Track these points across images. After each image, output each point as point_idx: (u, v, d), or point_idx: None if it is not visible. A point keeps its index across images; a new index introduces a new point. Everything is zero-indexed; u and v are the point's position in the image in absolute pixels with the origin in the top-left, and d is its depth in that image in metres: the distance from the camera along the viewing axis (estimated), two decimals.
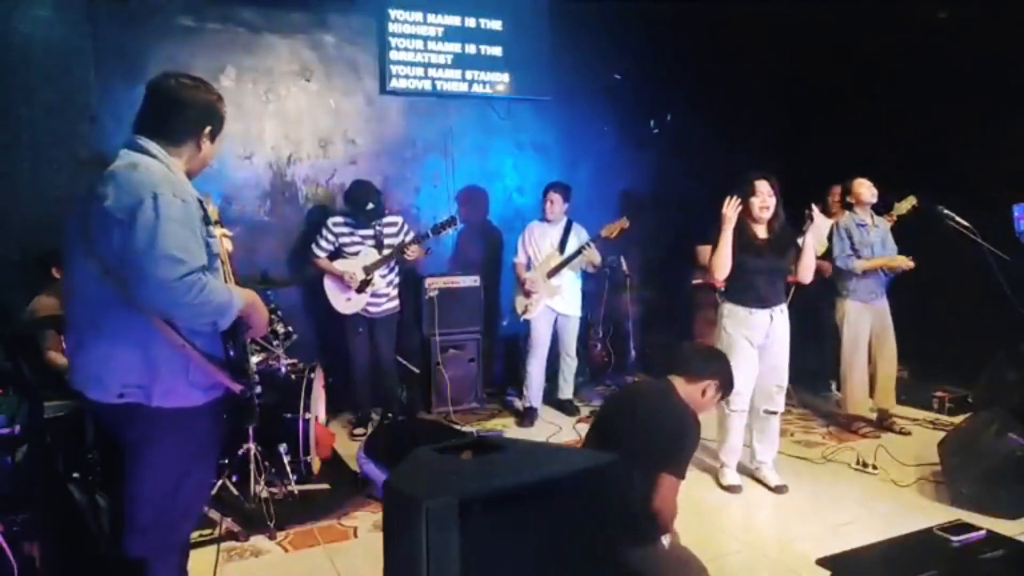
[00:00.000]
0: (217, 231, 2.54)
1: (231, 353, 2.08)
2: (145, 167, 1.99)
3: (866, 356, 4.82)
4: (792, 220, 3.92)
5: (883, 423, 4.96)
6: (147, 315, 1.95)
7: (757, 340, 3.84)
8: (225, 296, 1.99)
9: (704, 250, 5.38)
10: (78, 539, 2.57)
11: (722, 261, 3.76)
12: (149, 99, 2.12)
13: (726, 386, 2.82)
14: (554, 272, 5.01)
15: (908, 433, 4.85)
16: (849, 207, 4.82)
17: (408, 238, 4.75)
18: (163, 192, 1.91)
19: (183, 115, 2.10)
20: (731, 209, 3.72)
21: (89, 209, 1.96)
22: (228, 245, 2.62)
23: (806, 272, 3.91)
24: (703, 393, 2.73)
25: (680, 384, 2.75)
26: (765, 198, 3.79)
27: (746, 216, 3.82)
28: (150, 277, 1.86)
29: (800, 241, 3.86)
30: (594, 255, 5.01)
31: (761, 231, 3.86)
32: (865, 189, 4.71)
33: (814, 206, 3.84)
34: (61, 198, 4.09)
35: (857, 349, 4.78)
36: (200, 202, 2.08)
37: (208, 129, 2.15)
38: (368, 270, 4.71)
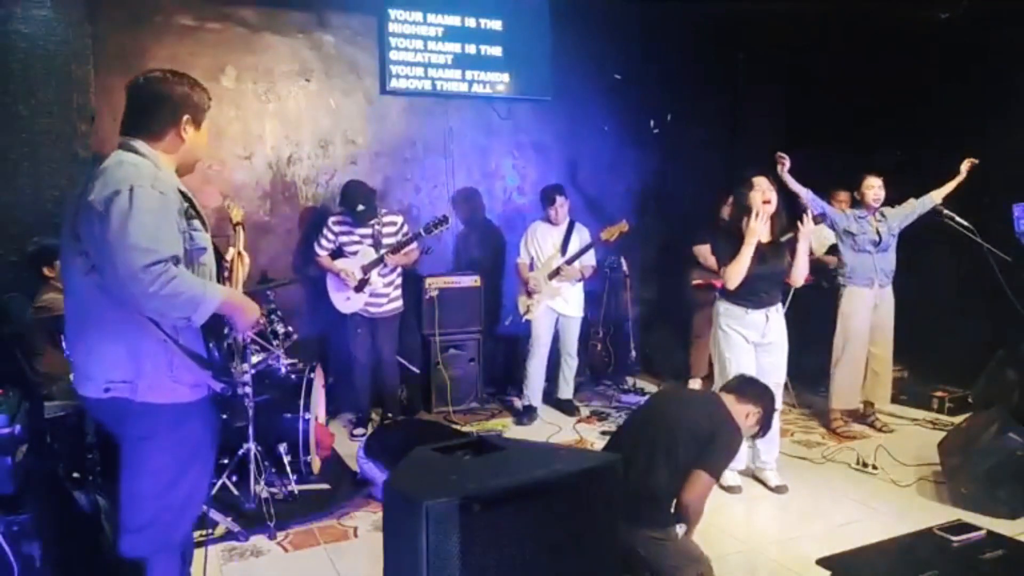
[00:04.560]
0: (235, 249, 2.54)
1: (214, 353, 2.08)
2: (131, 163, 2.02)
3: (860, 348, 4.76)
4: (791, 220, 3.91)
5: (866, 419, 4.95)
6: (132, 310, 1.96)
7: (753, 338, 3.84)
8: (198, 290, 1.96)
9: (702, 250, 5.40)
10: (78, 539, 2.57)
11: (741, 272, 3.71)
12: (127, 99, 2.16)
13: (766, 420, 2.97)
14: (555, 273, 5.01)
15: (891, 431, 4.85)
16: (856, 203, 4.81)
17: (404, 239, 4.74)
18: (141, 184, 1.94)
19: (156, 109, 2.12)
20: (759, 222, 3.65)
21: (78, 205, 2.00)
22: (246, 260, 2.58)
23: (798, 277, 3.90)
24: (746, 416, 2.90)
25: (730, 401, 2.91)
26: (765, 191, 3.75)
27: (747, 215, 3.77)
28: (118, 265, 1.87)
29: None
30: (573, 272, 4.97)
31: (763, 231, 3.79)
32: (870, 192, 4.66)
33: (805, 216, 3.82)
34: (61, 198, 4.09)
35: (850, 339, 4.73)
36: (184, 195, 2.08)
37: (186, 118, 2.13)
38: (365, 269, 4.70)
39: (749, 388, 3.02)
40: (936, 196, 4.70)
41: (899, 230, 4.74)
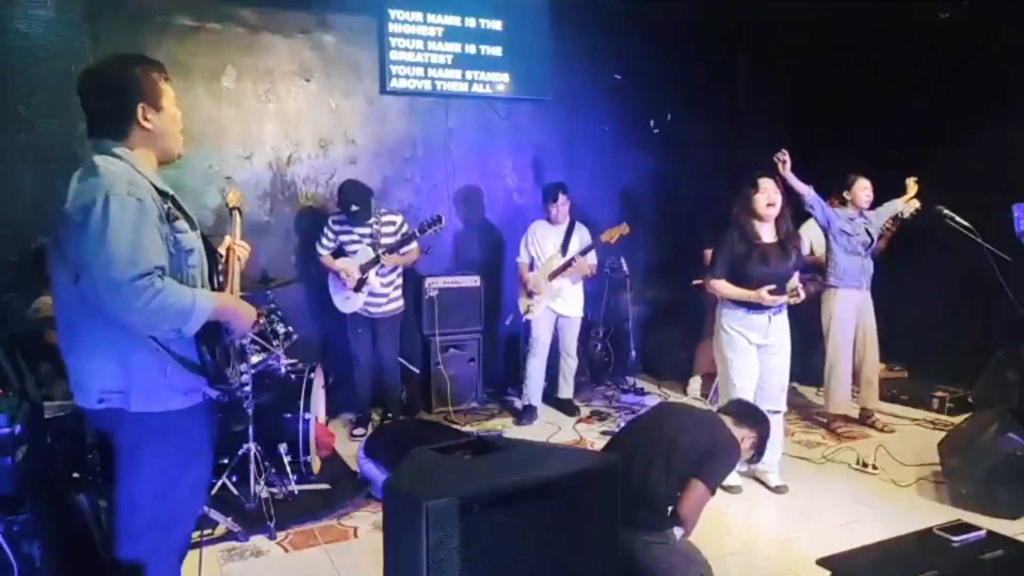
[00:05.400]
0: (230, 240, 2.47)
1: (207, 359, 2.01)
2: (106, 168, 1.92)
3: (851, 352, 4.76)
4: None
5: (866, 421, 4.95)
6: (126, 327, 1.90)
7: (755, 340, 3.83)
8: (186, 301, 1.89)
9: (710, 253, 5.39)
10: (78, 539, 2.57)
11: (723, 295, 3.80)
12: (80, 101, 2.04)
13: (760, 446, 3.01)
14: (556, 274, 5.01)
15: (891, 431, 4.85)
16: (844, 202, 4.81)
17: (400, 240, 4.73)
18: (116, 192, 1.85)
19: (106, 108, 2.01)
20: (767, 297, 3.67)
21: (58, 214, 1.93)
22: (243, 254, 2.52)
23: None
24: (742, 440, 2.93)
25: (728, 423, 2.96)
26: (771, 194, 3.72)
27: (749, 216, 3.78)
28: (98, 279, 1.81)
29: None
30: (583, 267, 4.96)
31: (767, 233, 3.78)
32: (863, 193, 4.67)
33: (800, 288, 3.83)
34: (60, 199, 4.09)
35: (843, 345, 4.73)
36: (165, 193, 2.01)
37: (141, 107, 1.99)
38: (363, 269, 4.70)
39: (747, 413, 3.08)
40: (899, 204, 4.80)
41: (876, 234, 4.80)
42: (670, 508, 2.75)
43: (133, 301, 1.80)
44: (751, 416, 3.05)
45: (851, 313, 4.72)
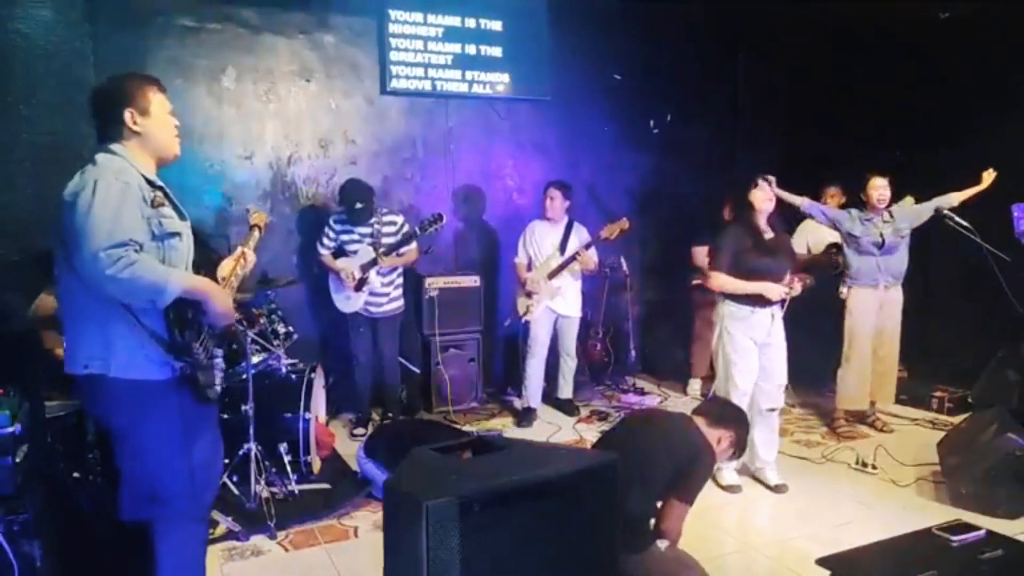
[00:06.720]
0: (242, 248, 2.67)
1: (175, 332, 2.19)
2: (102, 161, 2.18)
3: (867, 349, 4.71)
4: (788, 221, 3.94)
5: (866, 419, 4.94)
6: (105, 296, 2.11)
7: (759, 339, 3.85)
8: (159, 276, 2.10)
9: (699, 251, 5.40)
10: (78, 539, 2.58)
11: (729, 290, 3.80)
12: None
13: (739, 444, 2.96)
14: (554, 273, 5.01)
15: (891, 431, 4.85)
16: (859, 204, 4.78)
17: (400, 240, 4.73)
18: (106, 177, 2.11)
19: (102, 116, 2.29)
20: (773, 288, 3.71)
21: (60, 204, 2.16)
22: (251, 257, 2.71)
23: None
24: (718, 441, 2.88)
25: (701, 424, 2.89)
26: (768, 192, 3.82)
27: (751, 211, 3.83)
28: (82, 249, 2.02)
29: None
30: (588, 260, 4.96)
31: (765, 229, 3.85)
32: (875, 193, 4.59)
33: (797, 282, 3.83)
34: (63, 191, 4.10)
35: (856, 340, 4.70)
36: (154, 184, 2.25)
37: (129, 112, 2.25)
38: (363, 268, 4.70)
39: (723, 413, 3.02)
40: (955, 198, 4.60)
41: (909, 230, 4.67)
42: (652, 521, 2.71)
43: (107, 268, 2.01)
44: (727, 416, 3.00)
45: (868, 311, 4.67)
